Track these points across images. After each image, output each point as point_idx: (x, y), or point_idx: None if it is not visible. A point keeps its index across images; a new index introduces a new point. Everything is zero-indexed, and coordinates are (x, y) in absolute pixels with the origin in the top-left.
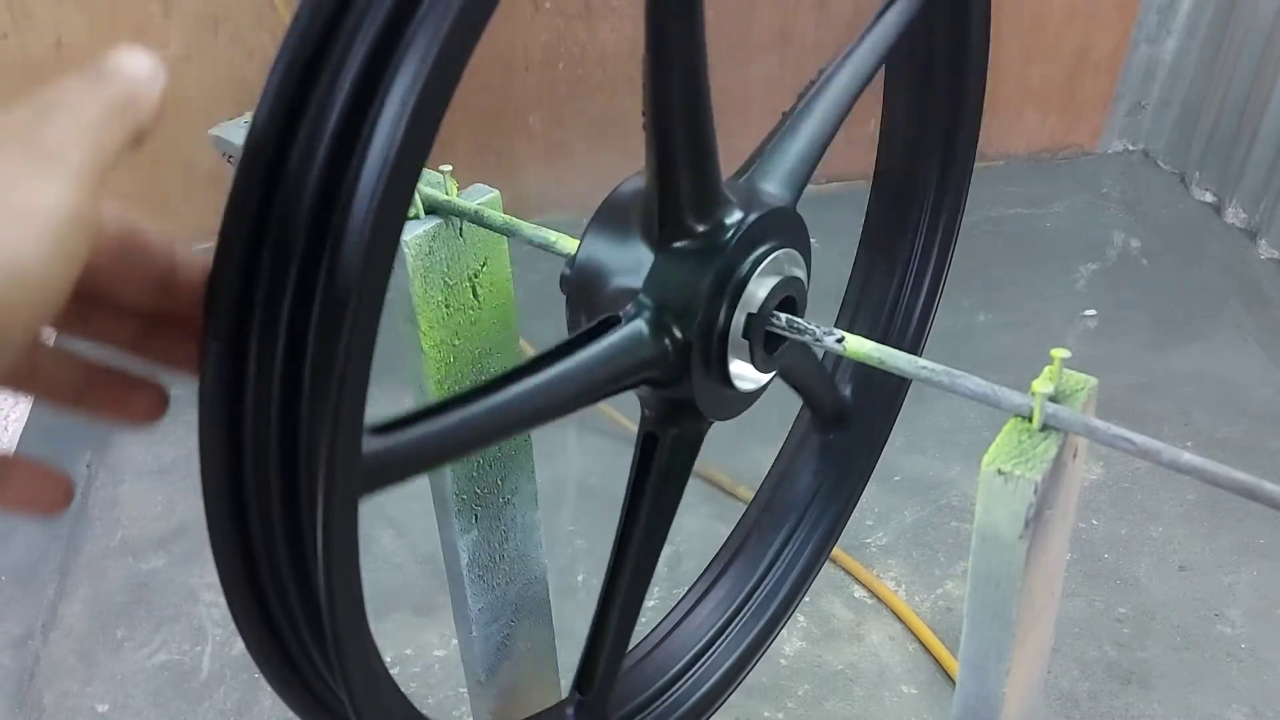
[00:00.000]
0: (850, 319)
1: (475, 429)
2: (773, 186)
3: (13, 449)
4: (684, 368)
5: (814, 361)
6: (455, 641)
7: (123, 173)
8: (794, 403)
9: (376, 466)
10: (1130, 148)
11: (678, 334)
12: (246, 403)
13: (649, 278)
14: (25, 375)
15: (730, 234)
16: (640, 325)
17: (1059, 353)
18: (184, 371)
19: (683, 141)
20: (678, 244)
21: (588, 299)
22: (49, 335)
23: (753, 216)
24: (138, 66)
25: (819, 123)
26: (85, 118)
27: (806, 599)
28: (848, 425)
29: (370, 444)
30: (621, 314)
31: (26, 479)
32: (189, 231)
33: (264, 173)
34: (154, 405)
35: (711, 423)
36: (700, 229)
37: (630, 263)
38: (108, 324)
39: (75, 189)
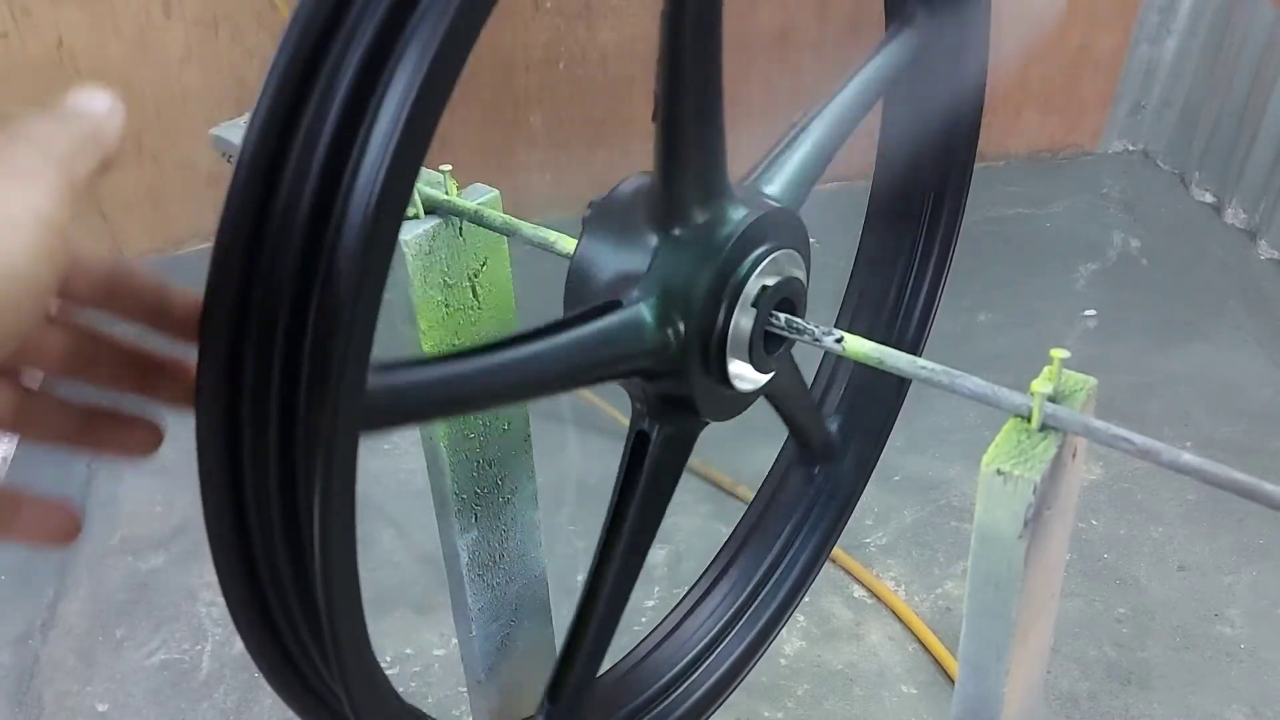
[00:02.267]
0: (850, 319)
1: (469, 385)
2: (776, 191)
3: (13, 448)
4: (683, 360)
5: (803, 390)
6: (455, 641)
7: (123, 173)
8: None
9: (376, 404)
10: (1130, 148)
11: (679, 325)
12: (245, 402)
13: (652, 265)
14: (14, 417)
15: (733, 227)
16: (643, 310)
17: (1058, 353)
18: (179, 407)
19: (692, 123)
20: (681, 232)
21: (588, 288)
22: (38, 379)
23: (756, 214)
24: (98, 104)
25: (824, 134)
26: (54, 149)
27: (806, 599)
28: (833, 460)
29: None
30: (624, 299)
31: (34, 512)
32: (189, 231)
33: (263, 171)
34: (148, 440)
35: (705, 424)
36: (703, 219)
37: (633, 251)
38: (102, 365)
39: (53, 200)
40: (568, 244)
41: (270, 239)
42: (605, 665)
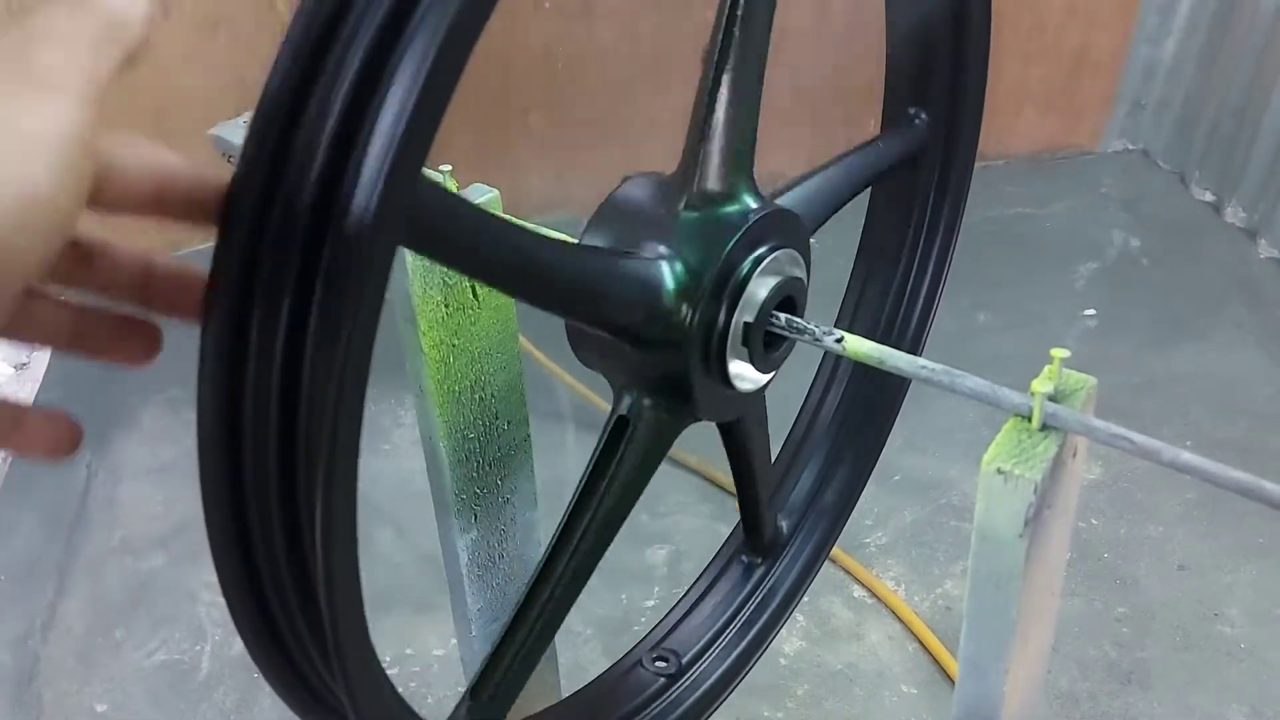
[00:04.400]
0: (850, 319)
1: (488, 244)
2: (724, 197)
3: None
4: (684, 334)
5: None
6: (455, 641)
7: None
8: (794, 402)
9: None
10: (1130, 147)
11: (692, 300)
12: (245, 403)
13: (678, 228)
14: (24, 322)
15: (751, 213)
16: (663, 266)
17: (1058, 352)
18: (188, 318)
19: (732, 81)
20: (704, 200)
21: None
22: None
23: (771, 208)
24: None
25: (847, 178)
26: (76, 45)
27: (806, 599)
28: (774, 555)
29: None
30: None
31: (38, 425)
32: (188, 232)
33: (264, 172)
34: (149, 345)
35: (691, 420)
36: (724, 190)
37: (659, 216)
38: (109, 275)
39: (77, 112)
40: None
41: (271, 239)
42: (605, 664)
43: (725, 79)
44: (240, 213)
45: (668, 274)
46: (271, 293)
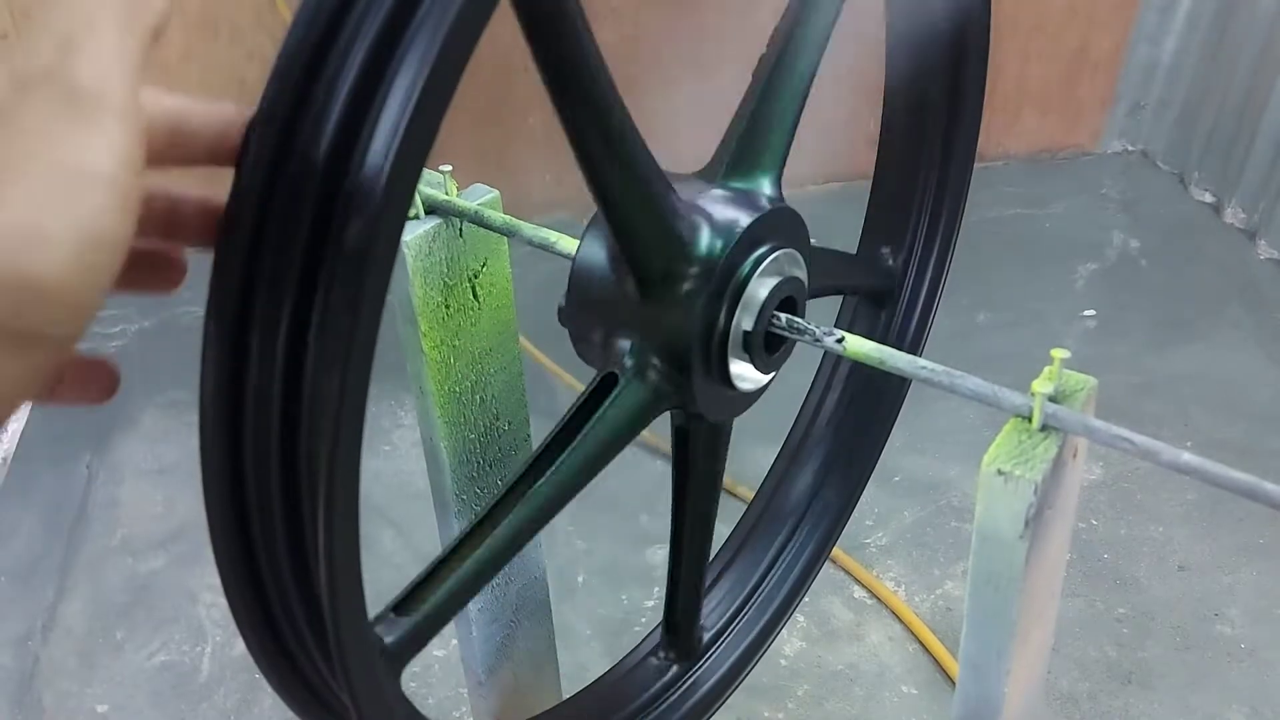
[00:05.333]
0: (850, 319)
1: (506, 543)
2: (748, 183)
3: (13, 449)
4: (689, 393)
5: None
6: (455, 642)
7: None
8: (794, 402)
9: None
10: (1130, 148)
11: (676, 376)
12: (247, 404)
13: (638, 332)
14: None
15: (709, 272)
16: (639, 387)
17: (1059, 353)
18: (201, 244)
19: (626, 220)
20: (660, 296)
21: (588, 333)
22: None
23: (725, 239)
24: None
25: (785, 104)
26: (106, 35)
27: (806, 599)
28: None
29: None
30: (618, 371)
31: (75, 372)
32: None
33: (265, 172)
34: (173, 274)
35: (674, 403)
36: (678, 283)
37: (618, 314)
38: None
39: (127, 136)
40: (568, 244)
41: (272, 239)
42: (605, 665)
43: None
44: (238, 222)
45: (704, 231)
46: (272, 301)
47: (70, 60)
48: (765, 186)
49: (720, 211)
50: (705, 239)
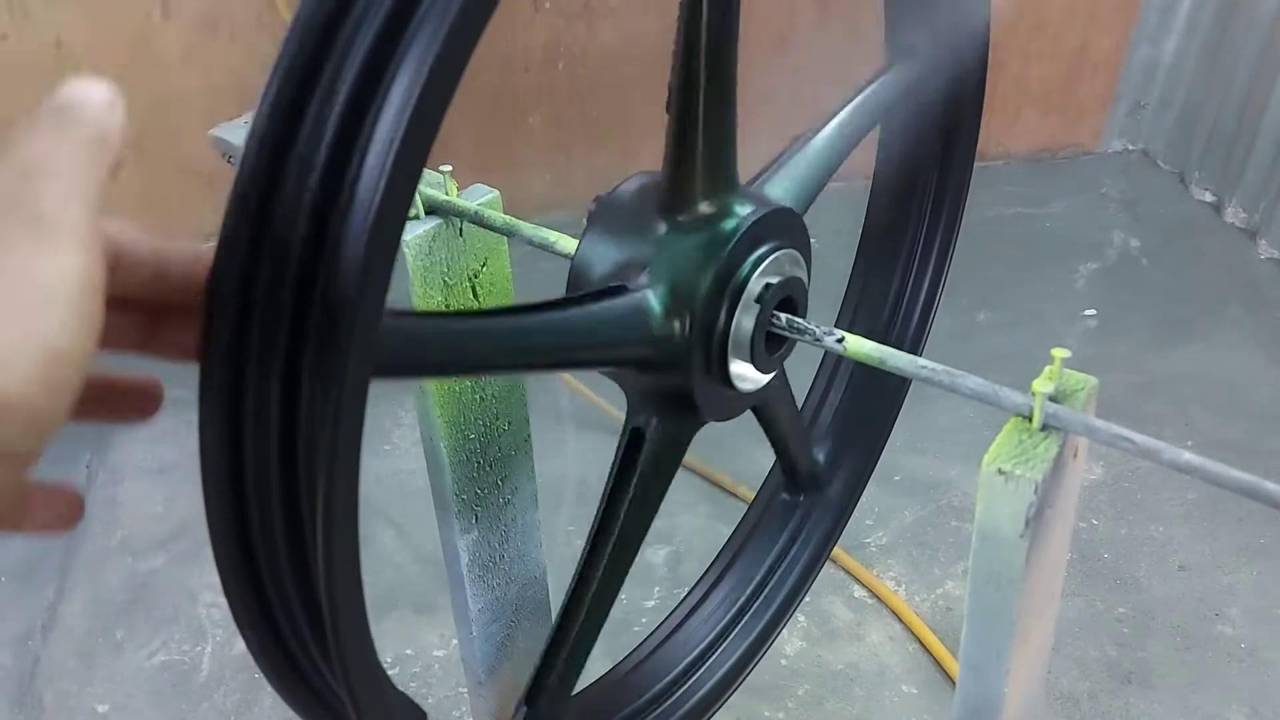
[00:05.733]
0: (850, 319)
1: (470, 343)
2: (780, 194)
3: None
4: (685, 353)
5: (793, 413)
6: (455, 641)
7: (124, 174)
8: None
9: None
10: (1130, 147)
11: (685, 317)
12: (247, 402)
13: (660, 253)
14: None
15: (740, 221)
16: (650, 297)
17: (1059, 352)
18: (185, 358)
19: (705, 110)
20: (689, 221)
21: (593, 275)
22: None
23: (762, 210)
24: (97, 97)
25: (830, 145)
26: (68, 170)
27: (807, 599)
28: (819, 489)
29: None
30: (631, 285)
31: (42, 503)
32: (188, 232)
33: (266, 172)
34: (147, 405)
35: (703, 423)
36: (711, 210)
37: (641, 240)
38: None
39: (86, 255)
40: (568, 244)
41: (273, 240)
42: (605, 666)
43: (698, 98)
44: (239, 220)
45: (654, 302)
46: (272, 300)
47: (32, 188)
48: (729, 205)
49: (677, 270)
50: (668, 310)
